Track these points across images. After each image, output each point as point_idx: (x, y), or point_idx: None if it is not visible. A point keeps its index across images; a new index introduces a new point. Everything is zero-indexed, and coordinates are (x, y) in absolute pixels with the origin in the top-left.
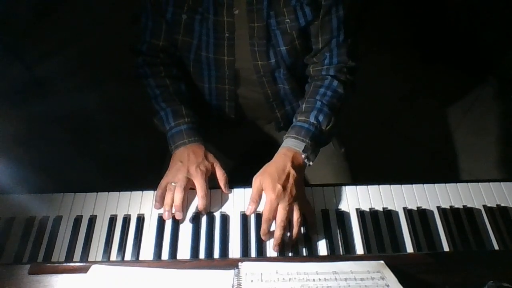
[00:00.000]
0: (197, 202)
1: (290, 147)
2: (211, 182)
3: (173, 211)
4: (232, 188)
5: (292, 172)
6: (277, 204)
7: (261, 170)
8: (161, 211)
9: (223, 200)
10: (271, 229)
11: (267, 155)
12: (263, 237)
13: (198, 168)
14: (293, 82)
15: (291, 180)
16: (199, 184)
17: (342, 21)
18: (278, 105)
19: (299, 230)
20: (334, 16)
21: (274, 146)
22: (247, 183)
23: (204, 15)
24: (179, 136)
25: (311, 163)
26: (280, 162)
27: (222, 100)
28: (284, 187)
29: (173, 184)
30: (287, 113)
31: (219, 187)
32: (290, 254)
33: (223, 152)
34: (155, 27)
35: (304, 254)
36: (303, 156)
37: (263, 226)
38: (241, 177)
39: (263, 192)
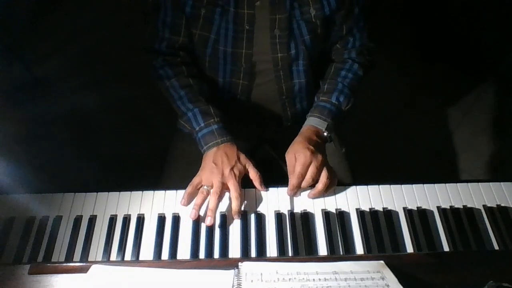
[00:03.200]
0: (231, 204)
1: (313, 125)
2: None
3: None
4: None
5: (318, 142)
6: (311, 162)
7: (290, 147)
8: (162, 211)
9: (223, 200)
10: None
11: (271, 155)
12: (289, 192)
13: (232, 171)
14: (310, 75)
15: (318, 146)
16: (233, 186)
17: (361, 7)
18: (290, 102)
19: (323, 189)
20: (355, 3)
21: (278, 146)
22: (247, 182)
23: (225, 8)
24: (211, 136)
25: (331, 138)
26: (306, 134)
27: (235, 94)
28: (315, 147)
29: (205, 187)
30: (297, 111)
31: (255, 187)
32: (290, 254)
33: None
34: (174, 23)
35: (304, 254)
36: (325, 134)
37: (294, 181)
38: (242, 176)
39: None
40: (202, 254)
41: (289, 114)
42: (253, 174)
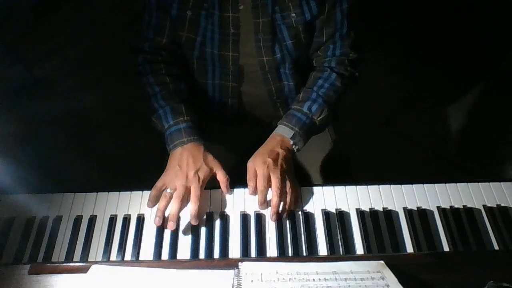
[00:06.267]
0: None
1: (280, 133)
2: (212, 182)
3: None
4: (233, 188)
5: (281, 151)
6: (269, 175)
7: (253, 155)
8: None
9: (223, 200)
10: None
11: None
12: (260, 207)
13: (197, 174)
14: (298, 78)
15: (280, 156)
16: (194, 189)
17: (345, 15)
18: (282, 103)
19: (291, 198)
20: (338, 10)
21: None
22: (247, 183)
23: (210, 11)
24: (178, 135)
25: (298, 148)
26: (269, 144)
27: (225, 97)
28: (273, 160)
29: (168, 190)
30: None
31: (220, 188)
32: (290, 254)
33: (224, 151)
34: (159, 24)
35: (304, 254)
36: (291, 142)
37: (259, 197)
38: (241, 177)
39: (256, 171)
40: (202, 254)
41: (282, 115)
42: (220, 177)
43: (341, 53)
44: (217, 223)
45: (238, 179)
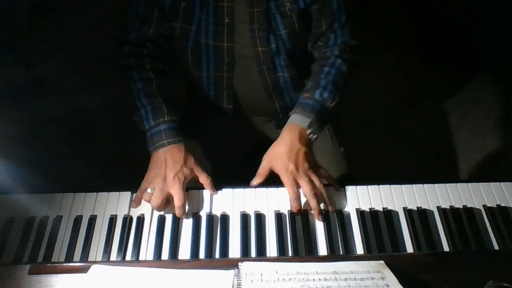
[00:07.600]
0: (175, 211)
1: (295, 123)
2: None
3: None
4: (232, 188)
5: (301, 147)
6: (295, 181)
7: (270, 150)
8: (162, 211)
9: (223, 200)
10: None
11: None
12: (296, 212)
13: (176, 176)
14: (293, 70)
15: (301, 155)
16: (176, 194)
17: (341, 2)
18: (277, 95)
19: (325, 194)
20: None
21: None
22: (247, 183)
23: (204, 1)
24: (158, 137)
25: (316, 137)
26: (287, 140)
27: (220, 89)
28: (296, 165)
29: (149, 191)
30: (286, 105)
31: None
32: (290, 254)
33: (222, 151)
34: (146, 15)
35: (304, 254)
36: (308, 131)
37: (294, 205)
38: (241, 176)
39: (269, 171)
40: (202, 254)
41: (278, 108)
42: (203, 179)
43: (342, 41)
44: (217, 223)
45: (238, 179)
